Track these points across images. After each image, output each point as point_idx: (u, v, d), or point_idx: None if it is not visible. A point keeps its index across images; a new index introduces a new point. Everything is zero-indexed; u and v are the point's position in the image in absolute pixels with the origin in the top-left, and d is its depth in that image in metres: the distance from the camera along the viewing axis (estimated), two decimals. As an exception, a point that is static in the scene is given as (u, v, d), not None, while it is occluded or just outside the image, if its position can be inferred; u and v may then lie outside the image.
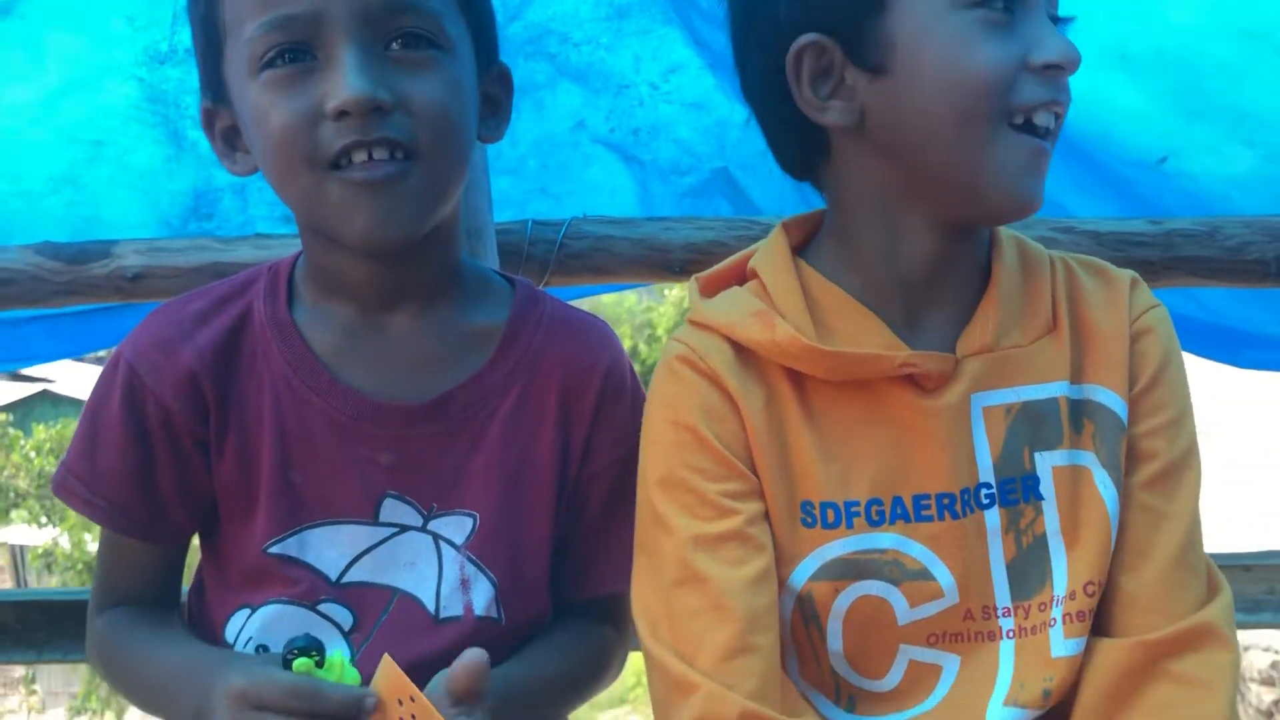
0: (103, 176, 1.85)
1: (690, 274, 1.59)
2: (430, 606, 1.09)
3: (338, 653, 0.94)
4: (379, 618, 1.09)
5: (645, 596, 1.01)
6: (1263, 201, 1.90)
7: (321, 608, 1.09)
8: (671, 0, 1.78)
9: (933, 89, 0.94)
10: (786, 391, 1.01)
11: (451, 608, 1.09)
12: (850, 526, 0.99)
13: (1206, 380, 2.20)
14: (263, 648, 1.08)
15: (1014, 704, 0.98)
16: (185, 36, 1.33)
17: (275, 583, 1.08)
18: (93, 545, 9.73)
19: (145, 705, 1.11)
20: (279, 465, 1.07)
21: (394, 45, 0.98)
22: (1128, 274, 1.07)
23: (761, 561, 0.98)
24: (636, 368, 1.18)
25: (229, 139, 1.06)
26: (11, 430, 11.48)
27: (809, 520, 1.00)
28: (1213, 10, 1.74)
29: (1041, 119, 0.94)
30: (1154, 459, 1.01)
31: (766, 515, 1.00)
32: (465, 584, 1.09)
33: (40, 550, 10.42)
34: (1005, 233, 1.06)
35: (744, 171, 1.81)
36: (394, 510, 1.08)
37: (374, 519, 1.08)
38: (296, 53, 0.97)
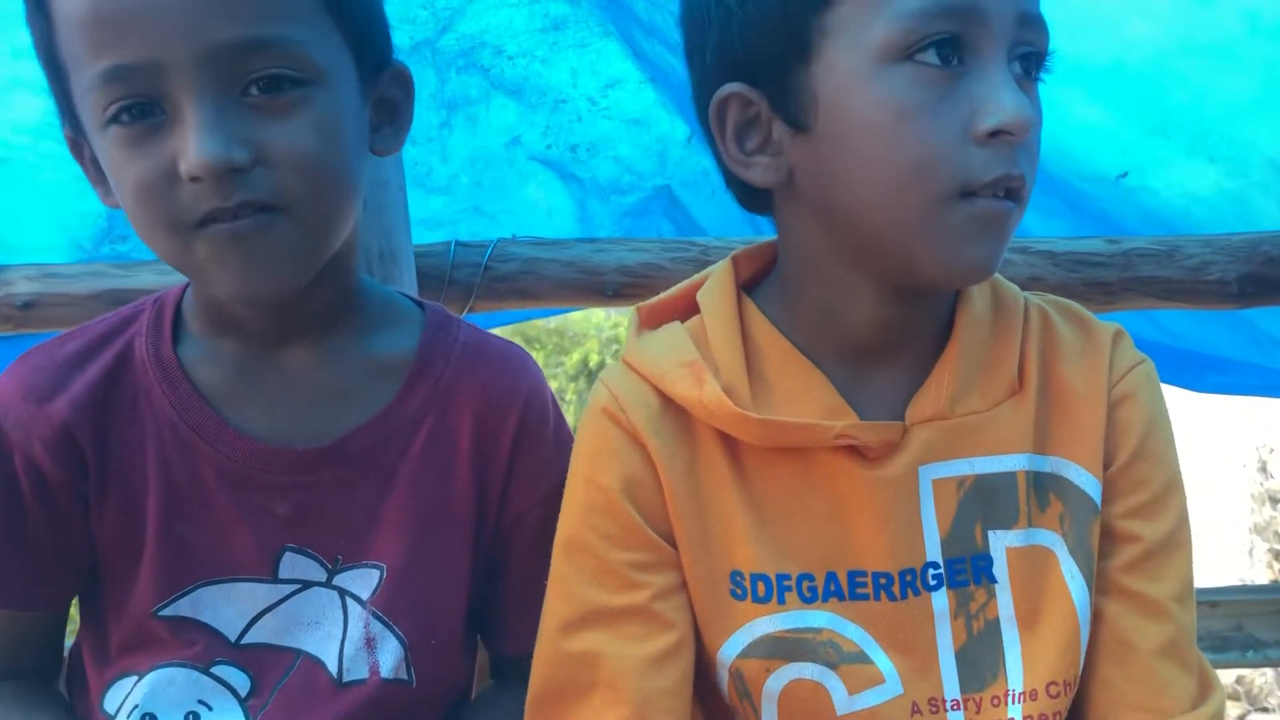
0: (9, 195, 1.77)
1: (625, 298, 1.53)
2: (333, 669, 1.00)
3: None
4: (278, 682, 1.00)
5: (538, 663, 0.93)
6: (1225, 217, 1.88)
7: (215, 670, 1.00)
8: (610, 12, 1.72)
9: (859, 159, 0.84)
10: (716, 452, 0.92)
11: (356, 670, 1.00)
12: (782, 601, 0.90)
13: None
14: (149, 717, 0.99)
15: None
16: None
17: (166, 647, 0.99)
18: None
19: None
20: (165, 519, 0.98)
21: (253, 90, 0.86)
22: (1111, 327, 0.96)
23: (666, 639, 0.90)
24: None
25: (97, 164, 0.95)
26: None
27: (738, 592, 0.91)
28: (1173, 26, 1.72)
29: (989, 196, 0.82)
30: (1135, 541, 0.92)
31: (684, 587, 0.92)
32: (371, 643, 1.00)
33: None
34: None
35: (687, 190, 1.75)
36: (294, 565, 0.99)
37: (273, 575, 0.99)
38: (142, 107, 0.85)
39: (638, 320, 1.01)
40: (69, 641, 1.11)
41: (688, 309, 1.00)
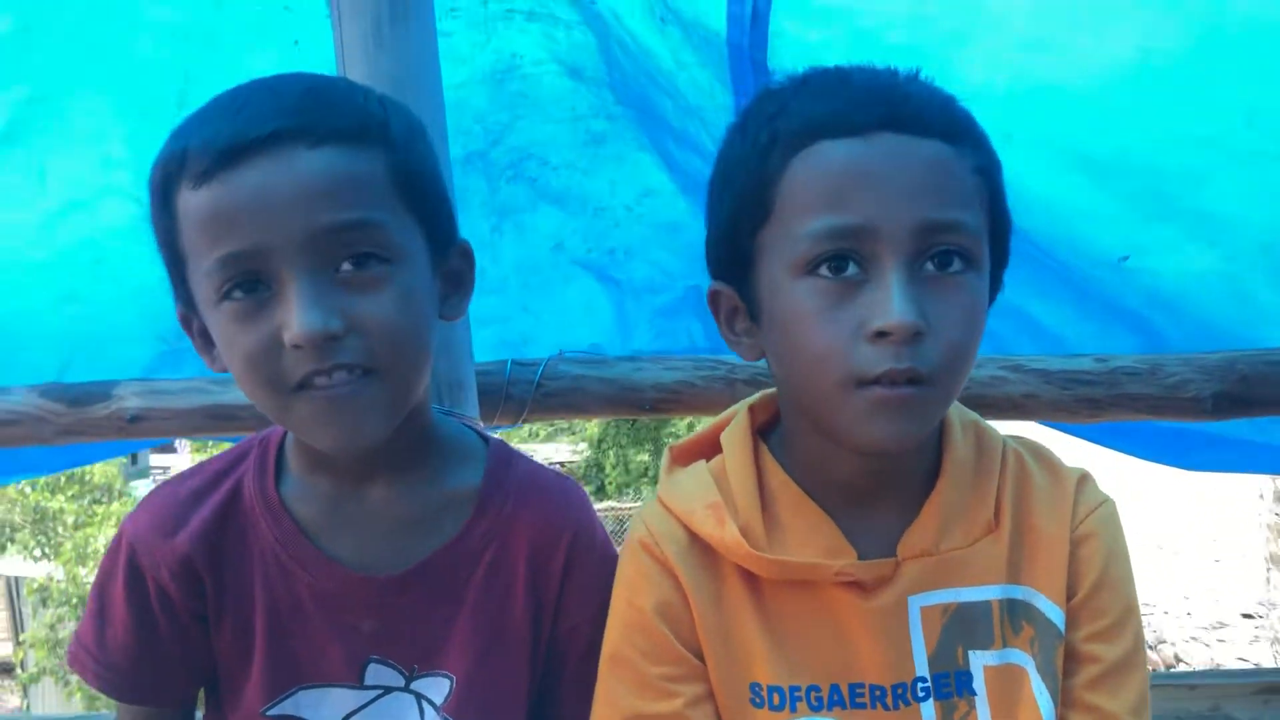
0: (102, 294, 1.93)
1: (660, 411, 1.69)
2: (412, 762, 1.16)
3: None
4: (367, 772, 1.16)
5: None
6: (1222, 298, 1.98)
7: None
8: (645, 128, 1.87)
9: (785, 349, 1.00)
10: (737, 581, 1.08)
11: (432, 764, 1.16)
12: (794, 710, 1.05)
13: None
14: (263, 797, 1.16)
15: None
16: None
17: None
18: (87, 579, 9.77)
19: None
20: (271, 634, 1.14)
21: (345, 266, 1.00)
22: (1076, 472, 1.10)
23: None
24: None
25: (206, 337, 1.09)
26: (5, 461, 11.45)
27: (757, 701, 1.07)
28: (1172, 119, 1.81)
29: (886, 384, 0.94)
30: (1096, 662, 1.05)
31: (712, 696, 1.07)
32: (444, 741, 1.16)
33: (36, 585, 10.47)
34: (961, 419, 1.10)
35: (716, 291, 1.88)
36: (378, 674, 1.15)
37: (360, 683, 1.15)
38: (250, 285, 0.99)
39: (670, 459, 1.18)
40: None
41: (713, 448, 1.16)
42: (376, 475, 1.15)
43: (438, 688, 1.16)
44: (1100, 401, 1.60)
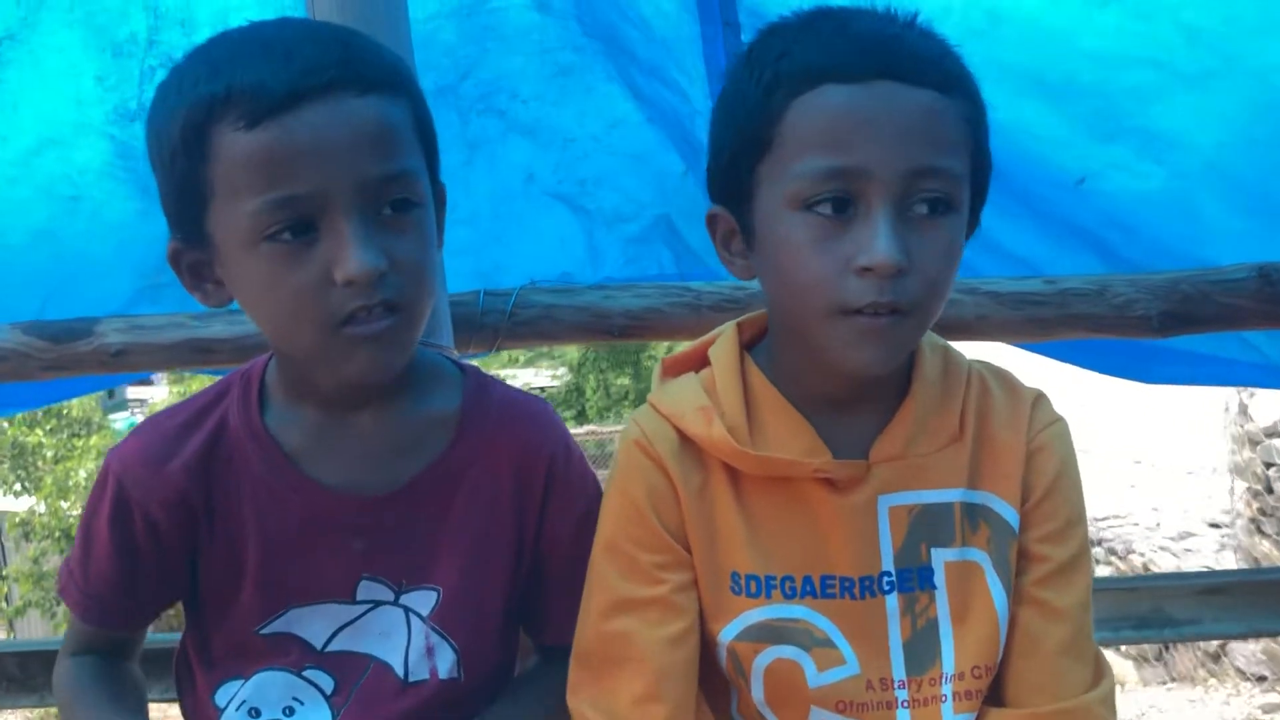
0: (79, 230, 1.96)
1: (630, 336, 1.75)
2: (400, 672, 1.22)
3: None
4: (355, 683, 1.23)
5: (580, 640, 1.18)
6: (1171, 215, 2.04)
7: (306, 673, 1.22)
8: (613, 58, 1.89)
9: (777, 277, 1.08)
10: (721, 477, 1.15)
11: (418, 672, 1.22)
12: (769, 597, 1.13)
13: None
14: (255, 710, 1.23)
15: None
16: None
17: (265, 655, 1.21)
18: (72, 514, 9.81)
19: None
20: (264, 559, 1.19)
21: (386, 210, 1.06)
22: (1032, 392, 1.19)
23: (681, 624, 1.14)
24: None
25: (196, 272, 1.12)
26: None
27: (735, 588, 1.14)
28: (1119, 40, 1.86)
29: (869, 314, 1.02)
30: (1045, 561, 1.14)
31: (695, 583, 1.15)
32: (430, 651, 1.22)
33: (18, 519, 10.51)
34: (932, 343, 1.17)
35: (684, 220, 1.93)
36: (369, 589, 1.21)
37: (352, 598, 1.21)
38: (300, 228, 1.03)
39: (661, 370, 1.26)
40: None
41: (700, 362, 1.23)
42: (361, 403, 1.20)
43: (425, 600, 1.22)
44: (1049, 321, 1.67)
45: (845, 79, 1.02)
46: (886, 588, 1.13)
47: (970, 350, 1.26)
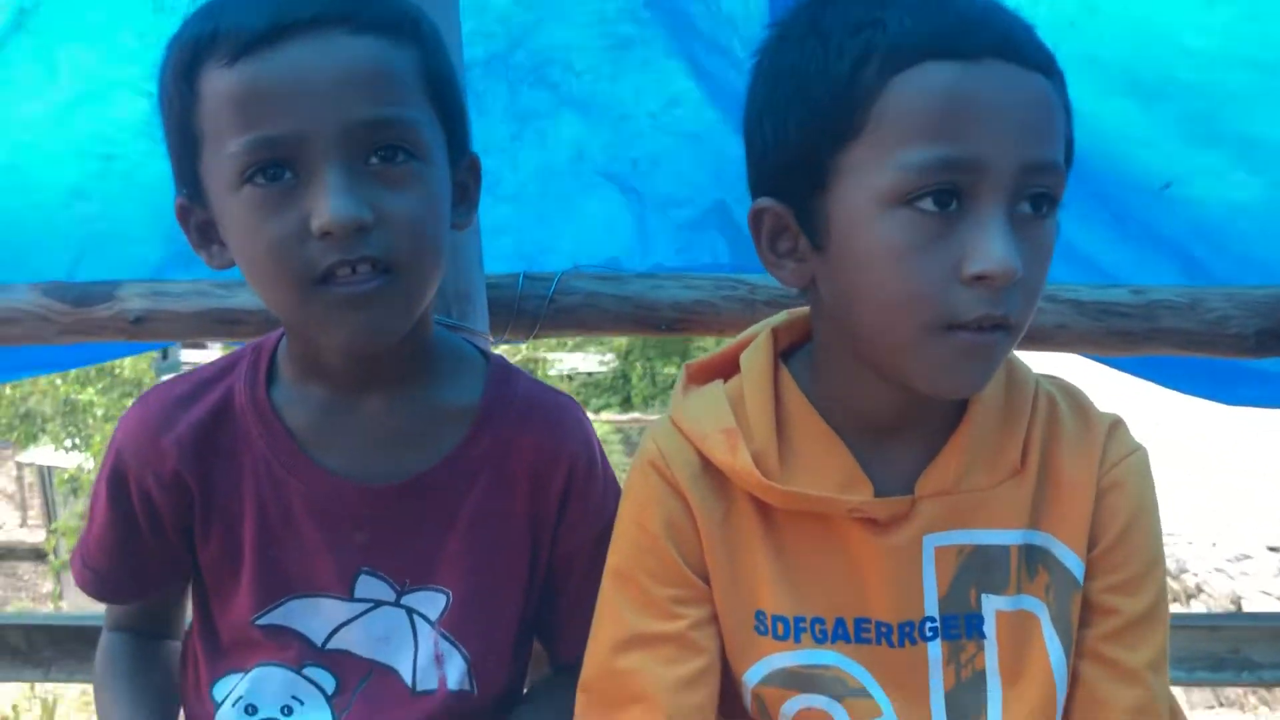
0: (113, 191, 1.89)
1: (677, 330, 1.64)
2: (407, 679, 1.14)
3: None
4: (358, 686, 1.15)
5: (588, 671, 1.07)
6: (1267, 228, 1.91)
7: (306, 671, 1.15)
8: (674, 33, 1.78)
9: (860, 285, 0.93)
10: (747, 507, 1.04)
11: (427, 681, 1.14)
12: (798, 641, 1.03)
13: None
14: (251, 708, 1.15)
15: None
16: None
17: (264, 649, 1.15)
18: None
19: None
20: (261, 543, 1.12)
21: (373, 159, 0.97)
22: (1109, 418, 1.06)
23: (698, 663, 1.03)
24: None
25: (204, 231, 1.06)
26: (37, 353, 11.54)
27: (761, 629, 1.04)
28: (1224, 39, 1.74)
29: (974, 330, 0.90)
30: (1114, 614, 1.01)
31: (715, 619, 1.05)
32: (439, 659, 1.14)
33: (67, 475, 10.64)
34: None
35: (742, 207, 1.81)
36: (368, 586, 1.14)
37: (349, 595, 1.13)
38: (278, 170, 0.96)
39: (685, 378, 1.13)
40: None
41: (730, 368, 1.11)
42: (373, 385, 1.12)
43: (432, 603, 1.14)
44: (1134, 335, 1.53)
45: (953, 55, 0.88)
46: (929, 634, 1.02)
47: (1039, 363, 1.14)
